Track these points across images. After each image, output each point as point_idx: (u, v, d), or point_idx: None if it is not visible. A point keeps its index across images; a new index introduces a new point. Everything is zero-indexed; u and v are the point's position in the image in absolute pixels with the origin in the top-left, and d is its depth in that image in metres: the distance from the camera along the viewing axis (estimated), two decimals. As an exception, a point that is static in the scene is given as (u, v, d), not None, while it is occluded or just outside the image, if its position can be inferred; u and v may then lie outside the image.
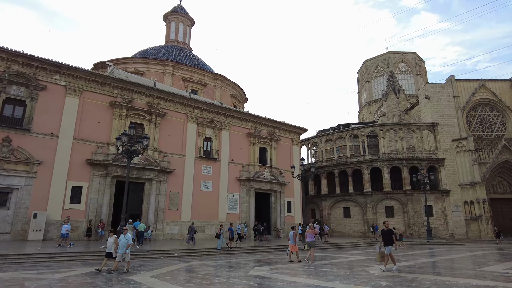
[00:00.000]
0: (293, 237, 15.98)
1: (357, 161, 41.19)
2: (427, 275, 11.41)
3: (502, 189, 39.76)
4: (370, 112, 70.00)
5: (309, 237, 15.65)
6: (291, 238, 15.99)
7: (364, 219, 38.95)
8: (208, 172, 30.27)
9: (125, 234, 12.10)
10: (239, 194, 32.04)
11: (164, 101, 28.85)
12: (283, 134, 37.12)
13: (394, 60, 70.85)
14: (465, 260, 17.34)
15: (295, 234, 16.41)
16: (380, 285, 9.34)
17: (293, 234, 16.10)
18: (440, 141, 40.01)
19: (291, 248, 15.87)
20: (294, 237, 16.10)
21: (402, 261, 16.37)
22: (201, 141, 30.52)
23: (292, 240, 15.90)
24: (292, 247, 15.80)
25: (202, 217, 28.99)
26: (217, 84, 44.38)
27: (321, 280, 10.32)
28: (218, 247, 20.30)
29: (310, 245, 15.39)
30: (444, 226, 37.50)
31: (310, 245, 15.42)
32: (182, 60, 43.78)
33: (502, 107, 42.23)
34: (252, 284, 9.80)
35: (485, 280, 10.30)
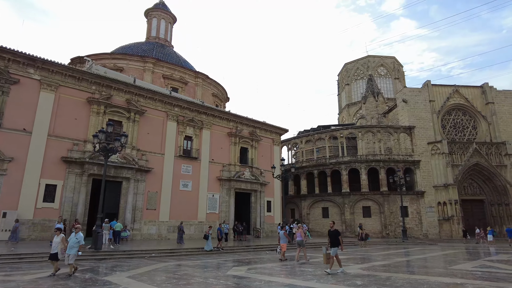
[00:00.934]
0: (284, 237, 16.65)
1: (336, 162, 41.84)
2: (401, 274, 11.73)
3: (472, 191, 41.39)
4: (350, 114, 71.20)
5: (298, 237, 16.14)
6: (282, 238, 16.65)
7: (342, 219, 39.61)
8: (187, 172, 29.96)
9: (76, 233, 10.90)
10: (219, 193, 31.89)
11: (144, 99, 28.34)
12: (264, 134, 37.23)
13: (373, 63, 72.34)
14: (437, 259, 17.93)
15: (286, 233, 17.15)
16: (356, 284, 9.52)
17: (284, 233, 16.85)
18: (416, 144, 41.20)
19: (282, 247, 16.50)
20: (286, 236, 16.79)
21: (378, 260, 16.75)
22: (181, 140, 30.18)
23: (284, 240, 16.60)
24: (283, 246, 16.46)
25: (181, 217, 28.61)
26: (198, 83, 44.02)
27: (299, 279, 10.42)
28: (207, 249, 19.97)
29: (300, 244, 15.85)
30: (418, 226, 38.65)
31: (299, 244, 15.89)
32: (163, 57, 43.16)
33: (474, 112, 43.93)
34: (230, 284, 9.78)
35: (454, 278, 10.70)
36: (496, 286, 9.15)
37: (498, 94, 44.47)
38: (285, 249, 16.56)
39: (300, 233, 16.17)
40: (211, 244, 20.18)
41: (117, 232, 21.25)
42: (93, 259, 15.61)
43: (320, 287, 9.27)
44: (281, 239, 16.71)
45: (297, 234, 16.39)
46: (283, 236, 16.70)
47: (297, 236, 16.22)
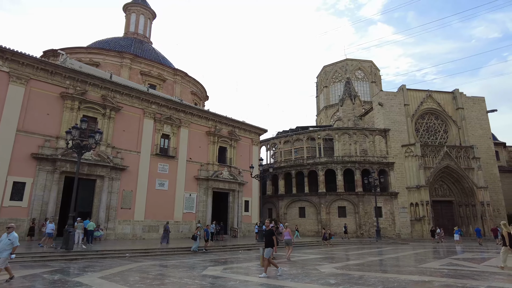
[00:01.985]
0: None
1: (313, 162, 42.41)
2: (373, 273, 12.04)
3: (442, 192, 43.04)
4: (327, 116, 72.35)
5: (286, 236, 16.80)
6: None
7: (318, 218, 40.21)
8: (164, 170, 29.52)
9: (9, 233, 9.50)
10: (196, 193, 31.61)
11: (120, 95, 27.69)
12: (243, 134, 37.23)
13: (351, 67, 73.82)
14: (408, 258, 18.53)
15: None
16: (329, 283, 9.70)
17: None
18: (390, 146, 42.38)
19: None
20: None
21: (352, 259, 17.12)
22: (158, 138, 29.70)
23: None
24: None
25: (157, 217, 28.21)
26: (177, 80, 43.50)
27: (274, 279, 10.50)
28: (194, 249, 19.83)
29: (287, 243, 16.59)
30: (391, 226, 39.79)
31: (287, 243, 16.62)
32: (141, 53, 42.36)
33: (445, 117, 45.69)
34: (205, 283, 9.73)
35: (423, 276, 11.10)
36: (461, 283, 9.56)
37: (468, 100, 46.46)
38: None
39: (288, 233, 16.81)
40: (197, 244, 20.07)
41: (90, 231, 20.67)
42: (64, 259, 15.10)
43: (294, 286, 9.38)
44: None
45: (285, 233, 16.94)
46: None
47: (285, 236, 16.80)
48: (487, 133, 46.10)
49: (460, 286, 9.01)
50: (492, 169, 44.43)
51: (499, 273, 11.72)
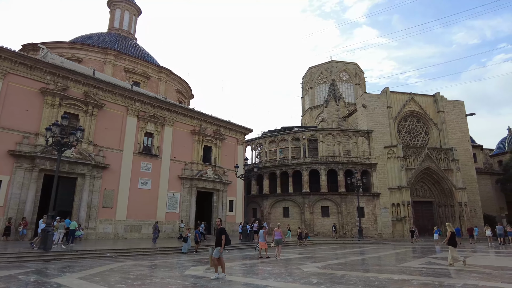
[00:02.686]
0: (263, 236, 17.52)
1: (298, 162, 42.70)
2: (355, 272, 12.21)
3: (423, 193, 44.07)
4: (312, 117, 72.97)
5: (277, 236, 17.20)
6: (261, 236, 17.54)
7: (302, 218, 40.50)
8: (147, 169, 29.12)
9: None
10: (180, 192, 31.31)
11: (103, 92, 27.16)
12: (228, 133, 37.11)
13: (336, 69, 74.66)
14: (389, 257, 18.89)
15: (265, 232, 18.05)
16: (311, 282, 9.78)
17: (263, 232, 17.74)
18: (373, 148, 43.09)
19: (261, 245, 17.45)
20: (264, 235, 17.64)
21: (334, 259, 17.31)
22: (142, 136, 29.28)
23: (262, 238, 17.42)
24: (262, 244, 17.39)
25: (139, 216, 27.82)
26: (161, 78, 43.01)
27: (256, 278, 10.51)
28: (184, 251, 19.63)
29: (278, 243, 17.06)
30: (373, 226, 40.47)
31: (277, 243, 17.08)
32: (125, 50, 41.68)
33: (427, 120, 46.78)
34: (187, 283, 9.65)
35: (403, 274, 11.33)
36: (438, 281, 9.82)
37: (448, 103, 47.72)
38: (266, 246, 17.53)
39: (280, 233, 17.27)
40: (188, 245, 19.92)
41: (71, 231, 20.18)
42: (42, 260, 14.67)
43: (276, 285, 9.41)
44: (260, 238, 17.65)
45: (275, 233, 17.38)
46: (262, 235, 17.60)
47: (276, 235, 17.24)
48: (466, 136, 47.47)
49: (438, 285, 9.25)
50: (470, 171, 45.78)
51: (474, 271, 12.08)
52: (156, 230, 23.60)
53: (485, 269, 12.73)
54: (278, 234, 17.25)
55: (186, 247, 19.80)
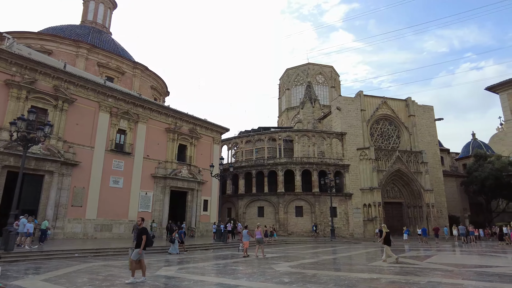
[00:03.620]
0: (247, 235, 18.30)
1: (273, 163, 42.99)
2: (326, 271, 12.43)
3: (393, 194, 45.55)
4: (288, 118, 73.62)
5: (258, 235, 17.78)
6: (245, 236, 18.29)
7: (276, 218, 40.80)
8: (119, 167, 28.34)
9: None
10: (153, 192, 30.68)
11: (74, 86, 26.17)
12: (204, 132, 36.75)
13: (313, 71, 75.70)
14: (360, 256, 19.39)
15: (249, 232, 18.85)
16: (283, 281, 9.87)
17: (247, 232, 18.55)
18: (346, 149, 44.07)
19: (244, 244, 18.11)
20: (248, 235, 18.43)
21: (306, 258, 17.54)
22: (114, 133, 28.45)
23: (246, 238, 18.18)
24: (245, 243, 18.06)
25: (110, 215, 27.03)
26: (136, 74, 42.05)
27: (229, 278, 10.49)
28: (172, 252, 19.38)
29: (259, 242, 17.64)
30: (345, 226, 41.39)
31: (258, 242, 17.66)
32: (99, 44, 40.41)
33: (398, 123, 48.36)
34: (158, 284, 9.48)
35: (372, 273, 11.66)
36: (404, 279, 10.18)
37: (419, 108, 49.56)
38: (247, 245, 18.11)
39: (260, 232, 17.90)
40: (177, 247, 19.67)
41: (43, 230, 19.35)
42: (2, 262, 13.93)
43: (248, 285, 9.43)
44: (244, 237, 18.36)
45: (256, 232, 17.94)
46: (246, 235, 18.35)
47: (257, 235, 17.80)
48: (435, 140, 49.51)
49: (404, 282, 9.59)
50: (438, 173, 47.77)
51: (438, 269, 12.62)
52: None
53: (448, 267, 13.32)
54: (259, 233, 17.84)
55: (174, 249, 19.60)
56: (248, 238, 18.42)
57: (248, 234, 18.58)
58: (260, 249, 17.59)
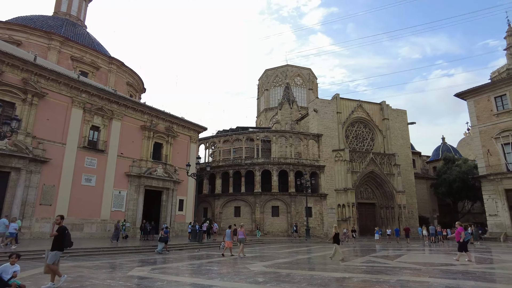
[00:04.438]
0: (230, 235, 18.68)
1: (251, 163, 43.07)
2: (300, 271, 12.59)
3: (367, 195, 46.74)
4: (267, 119, 74.05)
5: (240, 235, 18.20)
6: (228, 236, 18.62)
7: (252, 218, 40.90)
8: (92, 165, 27.49)
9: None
10: (126, 190, 29.96)
11: (46, 80, 25.13)
12: (181, 130, 36.27)
13: (291, 73, 76.54)
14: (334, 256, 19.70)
15: (232, 232, 19.22)
16: (257, 281, 9.91)
17: (230, 232, 18.90)
18: (322, 151, 44.81)
19: (226, 244, 18.42)
20: (231, 234, 18.83)
21: (281, 258, 17.70)
22: (87, 130, 27.57)
23: (229, 237, 18.52)
24: (228, 243, 18.37)
25: (82, 214, 26.16)
26: (112, 69, 40.97)
27: (203, 278, 10.41)
28: (160, 251, 19.65)
29: (241, 241, 18.02)
30: (320, 226, 42.07)
31: (240, 241, 18.04)
32: (73, 37, 39.06)
33: (373, 126, 49.67)
34: (130, 285, 9.28)
35: (344, 272, 11.91)
36: (375, 278, 10.48)
37: (392, 112, 51.10)
38: (231, 245, 18.48)
39: (243, 232, 18.31)
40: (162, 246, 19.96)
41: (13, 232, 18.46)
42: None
43: (222, 285, 9.41)
44: (227, 237, 18.67)
45: (239, 232, 18.37)
46: (228, 234, 18.72)
47: (240, 235, 18.21)
48: (407, 143, 51.21)
49: (375, 281, 9.86)
50: (409, 176, 49.45)
51: (407, 268, 13.07)
52: (117, 229, 24.10)
53: (416, 266, 13.82)
54: (241, 233, 18.25)
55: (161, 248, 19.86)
56: (231, 237, 18.81)
57: (231, 233, 18.96)
58: (240, 248, 17.97)
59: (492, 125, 34.48)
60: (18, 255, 7.22)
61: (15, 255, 7.11)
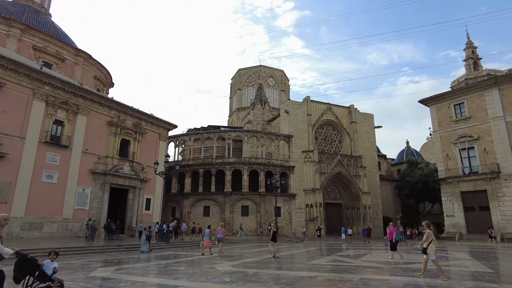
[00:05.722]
0: (209, 234, 19.13)
1: (222, 162, 42.87)
2: (267, 270, 12.68)
3: (334, 196, 47.95)
4: (239, 118, 73.99)
5: (219, 234, 18.86)
6: (207, 235, 19.09)
7: (222, 217, 40.69)
8: (54, 161, 26.23)
9: None
10: (91, 188, 28.86)
11: (3, 69, 23.65)
12: (150, 127, 35.43)
13: (264, 74, 76.97)
14: (300, 255, 20.06)
15: (210, 232, 19.68)
16: (224, 281, 9.88)
17: (209, 232, 19.35)
18: (292, 151, 45.45)
19: (205, 243, 19.04)
20: (210, 234, 19.27)
21: (249, 257, 17.75)
22: (50, 124, 26.26)
23: (208, 237, 18.98)
24: (206, 242, 18.92)
25: (41, 213, 24.88)
26: (78, 62, 39.32)
27: (168, 278, 10.23)
28: (145, 250, 19.96)
29: (220, 240, 18.69)
30: (288, 225, 42.63)
31: (219, 240, 18.71)
32: (36, 25, 37.07)
33: (341, 129, 51.02)
34: (91, 286, 8.94)
35: (310, 271, 12.14)
36: (339, 276, 10.77)
37: (360, 115, 52.75)
38: (210, 244, 19.06)
39: (222, 232, 19.09)
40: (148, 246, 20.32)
41: None
42: None
43: (189, 285, 9.29)
44: (205, 236, 19.19)
45: (218, 232, 19.09)
46: (207, 234, 19.17)
47: (219, 234, 18.91)
48: (373, 146, 53.06)
49: (339, 280, 10.12)
50: (375, 177, 51.26)
51: (370, 267, 13.54)
52: (93, 229, 24.39)
53: (379, 264, 14.34)
54: (221, 233, 18.94)
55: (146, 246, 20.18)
56: (209, 237, 19.24)
57: (210, 233, 19.46)
58: (219, 247, 18.61)
59: (452, 131, 36.50)
60: (56, 252, 7.49)
61: (53, 253, 7.41)
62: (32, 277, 6.68)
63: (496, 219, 31.60)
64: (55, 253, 7.48)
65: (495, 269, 13.02)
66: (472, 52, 48.46)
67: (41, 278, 6.77)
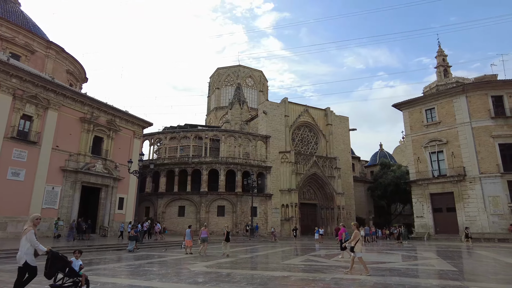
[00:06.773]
0: (190, 234, 19.68)
1: (198, 161, 42.48)
2: (241, 270, 12.68)
3: (309, 196, 48.62)
4: (217, 117, 73.59)
5: (203, 234, 19.04)
6: (188, 235, 19.68)
7: (197, 217, 40.32)
8: (21, 158, 25.06)
9: None
10: (61, 186, 27.80)
11: (-33, 61, 22.40)
12: (124, 125, 34.56)
13: (243, 74, 76.95)
14: (275, 255, 20.19)
15: (192, 231, 20.23)
16: (197, 281, 9.80)
17: (190, 231, 19.90)
18: (269, 152, 45.70)
19: (187, 243, 19.54)
20: (191, 234, 19.84)
21: (224, 257, 17.67)
22: (17, 119, 25.08)
23: (189, 236, 19.56)
24: (188, 242, 19.47)
25: (5, 212, 23.70)
26: (50, 55, 37.82)
27: (140, 279, 10.03)
28: (131, 249, 20.32)
29: (204, 240, 18.89)
30: (264, 225, 42.80)
31: (203, 240, 18.89)
32: (3, 14, 35.37)
33: (317, 130, 51.79)
34: (58, 289, 8.60)
35: (283, 271, 12.26)
36: (312, 276, 10.94)
37: (336, 118, 53.76)
38: (191, 244, 19.58)
39: (206, 232, 19.36)
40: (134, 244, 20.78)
41: None
42: None
43: (160, 286, 9.15)
44: (187, 236, 19.73)
45: (202, 232, 19.25)
46: (188, 233, 19.71)
47: (202, 234, 19.07)
48: (348, 148, 54.23)
49: (311, 279, 10.28)
50: (349, 179, 52.39)
51: (342, 266, 13.81)
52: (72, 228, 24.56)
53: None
54: (205, 233, 19.18)
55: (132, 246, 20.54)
56: (190, 236, 19.67)
57: (191, 233, 19.92)
58: (204, 247, 18.91)
59: (423, 135, 37.91)
60: (80, 251, 8.09)
61: (77, 251, 8.06)
62: (63, 273, 7.28)
63: (462, 219, 33.11)
64: (79, 251, 8.10)
65: (459, 267, 13.63)
66: (443, 60, 50.46)
67: (70, 274, 7.36)
